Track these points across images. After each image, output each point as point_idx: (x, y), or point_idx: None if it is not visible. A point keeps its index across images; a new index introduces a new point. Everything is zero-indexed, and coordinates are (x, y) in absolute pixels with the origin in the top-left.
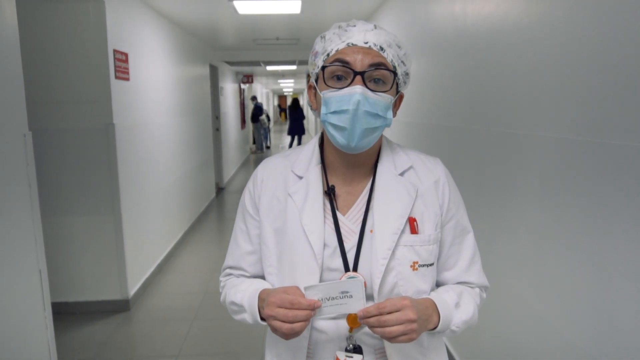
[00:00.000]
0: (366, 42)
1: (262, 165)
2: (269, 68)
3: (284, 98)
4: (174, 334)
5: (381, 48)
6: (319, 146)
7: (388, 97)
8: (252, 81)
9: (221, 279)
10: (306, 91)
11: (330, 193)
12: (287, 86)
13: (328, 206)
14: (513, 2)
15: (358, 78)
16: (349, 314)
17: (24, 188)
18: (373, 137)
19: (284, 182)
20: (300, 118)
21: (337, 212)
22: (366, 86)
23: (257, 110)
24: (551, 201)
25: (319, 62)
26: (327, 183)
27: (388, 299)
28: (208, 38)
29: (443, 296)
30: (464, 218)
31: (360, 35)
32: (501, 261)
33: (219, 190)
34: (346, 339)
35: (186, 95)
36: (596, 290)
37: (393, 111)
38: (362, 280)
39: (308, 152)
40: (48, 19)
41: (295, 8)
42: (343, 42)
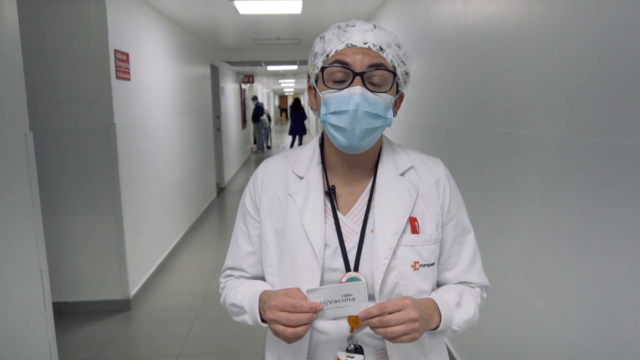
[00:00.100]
0: (365, 43)
1: (263, 165)
2: (270, 68)
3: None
4: (175, 334)
5: (380, 48)
6: (320, 146)
7: (388, 97)
8: (253, 81)
9: (221, 280)
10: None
11: (330, 193)
12: (288, 86)
13: (329, 206)
14: (513, 2)
15: (357, 79)
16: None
17: (25, 188)
18: (373, 137)
19: (285, 183)
20: (301, 118)
21: (338, 212)
22: (366, 87)
23: (258, 110)
24: (551, 201)
25: (319, 63)
26: (328, 183)
27: (389, 299)
28: (209, 38)
29: (444, 296)
30: (465, 218)
31: (359, 35)
32: (501, 261)
33: (220, 190)
34: (347, 340)
35: (187, 95)
36: (596, 290)
37: (393, 111)
38: (365, 282)
39: (308, 153)
40: (49, 19)
41: (296, 8)
42: (342, 43)
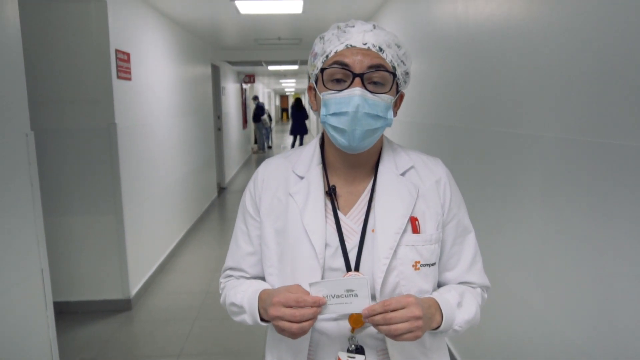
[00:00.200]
0: (365, 43)
1: (263, 165)
2: (271, 68)
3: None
4: (176, 334)
5: (380, 49)
6: (320, 146)
7: (388, 98)
8: (254, 81)
9: (221, 281)
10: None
11: (331, 193)
12: (289, 86)
13: (329, 206)
14: (515, 2)
15: (357, 80)
16: (351, 314)
17: (26, 187)
18: (374, 138)
19: (285, 183)
20: (303, 118)
21: (339, 212)
22: (365, 88)
23: (259, 110)
24: (552, 201)
25: (318, 64)
26: (328, 183)
27: (393, 297)
28: (210, 38)
29: (445, 296)
30: (465, 218)
31: (359, 36)
32: (502, 261)
33: (221, 190)
34: (348, 340)
35: (188, 95)
36: (597, 290)
37: (394, 111)
38: (367, 278)
39: (309, 153)
40: (50, 19)
41: (297, 8)
42: (342, 44)
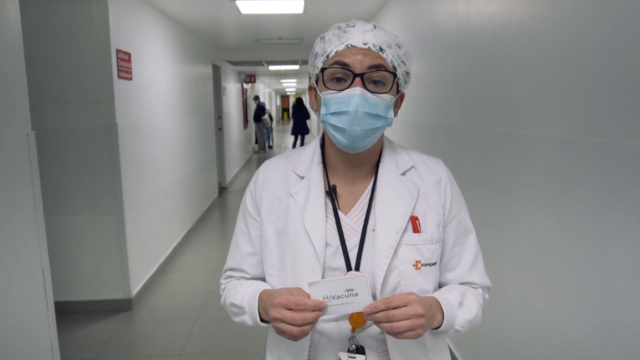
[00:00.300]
0: (365, 43)
1: (264, 166)
2: (272, 68)
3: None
4: (177, 333)
5: (380, 49)
6: (321, 147)
7: (388, 98)
8: (255, 81)
9: (222, 281)
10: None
11: (331, 193)
12: (290, 86)
13: (330, 206)
14: (516, 2)
15: (357, 80)
16: (352, 314)
17: (27, 187)
18: (374, 137)
19: (286, 183)
20: (304, 117)
21: (339, 212)
22: (365, 87)
23: (260, 110)
24: (553, 201)
25: (319, 64)
26: (329, 183)
27: (395, 295)
28: (211, 38)
29: (446, 295)
30: (466, 218)
31: (359, 36)
32: (503, 261)
33: (222, 189)
34: (348, 340)
35: (189, 95)
36: (598, 289)
37: (394, 111)
38: (366, 276)
39: (309, 153)
40: (51, 19)
41: (297, 8)
42: (342, 44)
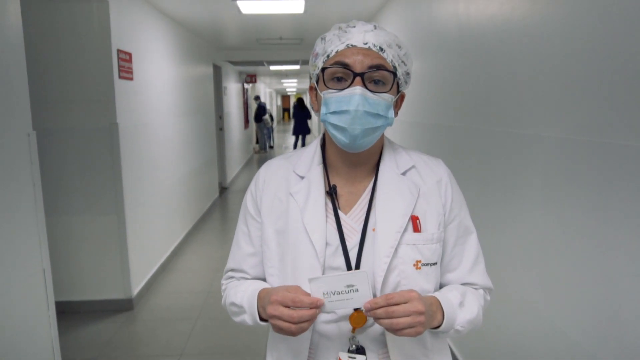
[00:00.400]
0: (365, 43)
1: (264, 167)
2: (272, 68)
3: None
4: (178, 333)
5: (381, 49)
6: (321, 147)
7: (388, 97)
8: (256, 81)
9: (223, 282)
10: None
11: (332, 192)
12: (291, 86)
13: (330, 205)
14: (516, 2)
15: (358, 79)
16: (352, 314)
17: (28, 187)
18: (374, 136)
19: (286, 183)
20: (305, 117)
21: (339, 211)
22: (366, 87)
23: (261, 110)
24: (554, 201)
25: (319, 64)
26: (329, 183)
27: (395, 292)
28: (211, 38)
29: (447, 295)
30: (467, 218)
31: (359, 36)
32: (504, 261)
33: (222, 189)
34: (349, 340)
35: (189, 95)
36: (600, 289)
37: (394, 111)
38: (367, 272)
39: (310, 153)
40: (52, 19)
41: (298, 8)
42: (343, 44)
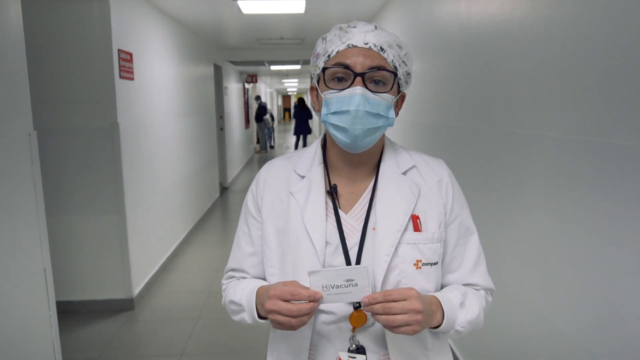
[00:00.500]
0: (366, 43)
1: (266, 167)
2: (273, 68)
3: (288, 98)
4: (178, 333)
5: (381, 49)
6: (322, 147)
7: (389, 97)
8: (256, 81)
9: (223, 282)
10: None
11: (332, 192)
12: (291, 86)
13: (330, 205)
14: (517, 2)
15: (358, 79)
16: (352, 313)
17: (29, 187)
18: (375, 137)
19: (287, 183)
20: (306, 117)
21: (340, 210)
22: (366, 87)
23: (261, 109)
24: (554, 201)
25: (320, 64)
26: (330, 182)
27: (395, 289)
28: (212, 38)
29: (447, 295)
30: (468, 219)
31: (360, 36)
32: (505, 261)
33: (223, 189)
34: (349, 340)
35: (190, 94)
36: (601, 289)
37: (395, 111)
38: (367, 267)
39: (311, 153)
40: (53, 19)
41: (299, 8)
42: (343, 44)
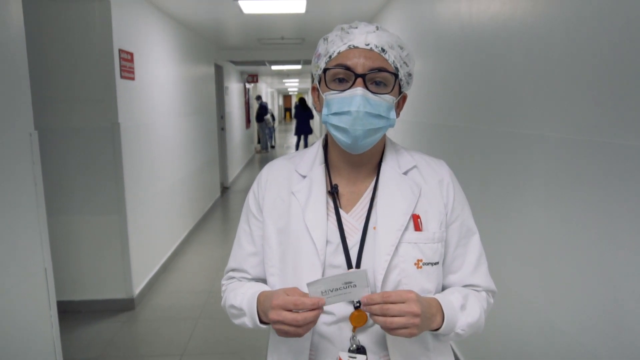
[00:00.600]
0: (367, 44)
1: (267, 167)
2: (274, 68)
3: (289, 98)
4: (179, 333)
5: (382, 50)
6: (324, 147)
7: (390, 98)
8: (257, 81)
9: (223, 282)
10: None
11: (333, 191)
12: (292, 86)
13: (331, 204)
14: (518, 2)
15: (359, 80)
16: (352, 313)
17: (30, 187)
18: (376, 137)
19: (288, 183)
20: (308, 117)
21: (340, 210)
22: (367, 88)
23: (262, 109)
24: (556, 201)
25: (322, 64)
26: (331, 182)
27: (394, 290)
28: (213, 38)
29: (448, 297)
30: (469, 219)
31: (361, 37)
32: (506, 261)
33: (224, 189)
34: (349, 340)
35: (191, 94)
36: (602, 290)
37: (396, 111)
38: (365, 270)
39: (312, 153)
40: (54, 19)
41: (300, 7)
42: (345, 44)
